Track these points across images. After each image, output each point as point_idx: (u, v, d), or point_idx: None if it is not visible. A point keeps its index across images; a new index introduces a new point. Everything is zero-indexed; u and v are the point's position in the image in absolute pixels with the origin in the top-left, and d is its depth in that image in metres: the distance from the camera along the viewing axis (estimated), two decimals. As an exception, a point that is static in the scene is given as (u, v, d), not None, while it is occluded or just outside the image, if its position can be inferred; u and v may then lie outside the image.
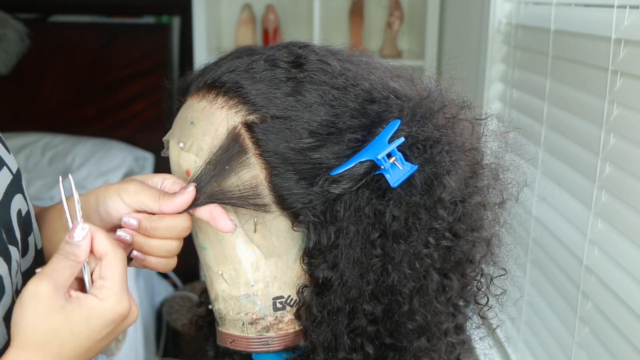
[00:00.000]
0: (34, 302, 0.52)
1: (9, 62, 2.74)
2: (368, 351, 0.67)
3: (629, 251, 1.00)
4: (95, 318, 0.54)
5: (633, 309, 0.97)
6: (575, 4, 1.24)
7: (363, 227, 0.64)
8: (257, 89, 0.66)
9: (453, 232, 0.65)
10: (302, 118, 0.65)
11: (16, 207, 0.63)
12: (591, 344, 1.11)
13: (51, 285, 0.53)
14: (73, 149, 2.67)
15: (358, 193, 0.64)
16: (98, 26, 2.86)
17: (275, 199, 0.66)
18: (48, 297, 0.53)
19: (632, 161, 0.99)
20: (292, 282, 0.69)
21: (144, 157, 2.74)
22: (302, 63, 0.67)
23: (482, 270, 0.71)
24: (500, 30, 1.61)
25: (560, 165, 1.26)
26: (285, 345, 0.71)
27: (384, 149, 0.62)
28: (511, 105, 1.55)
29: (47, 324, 0.53)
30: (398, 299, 0.65)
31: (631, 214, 1.00)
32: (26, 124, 2.84)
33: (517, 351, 1.50)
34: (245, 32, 2.62)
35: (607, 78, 1.04)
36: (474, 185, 0.67)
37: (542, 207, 1.33)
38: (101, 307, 0.54)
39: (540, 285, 1.35)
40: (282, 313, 0.70)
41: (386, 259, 0.64)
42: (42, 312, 0.52)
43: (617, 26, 1.01)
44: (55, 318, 0.53)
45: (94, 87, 2.82)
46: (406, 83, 0.70)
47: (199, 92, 0.69)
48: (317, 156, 0.64)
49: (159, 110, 2.72)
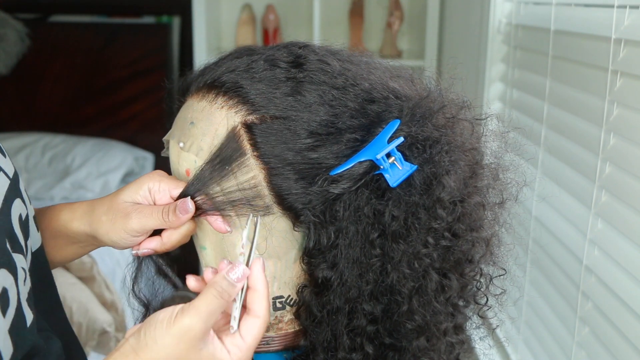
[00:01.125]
0: (181, 337, 0.55)
1: (9, 62, 2.74)
2: (367, 351, 0.67)
3: (629, 251, 1.00)
4: None
5: (633, 309, 0.97)
6: (575, 4, 1.24)
7: (362, 226, 0.64)
8: (257, 89, 0.66)
9: (452, 232, 0.65)
10: (302, 118, 0.65)
11: (17, 212, 0.63)
12: (591, 344, 1.11)
13: (204, 328, 0.56)
14: (73, 149, 2.67)
15: (357, 193, 0.64)
16: (98, 26, 2.87)
17: (275, 199, 0.66)
18: (196, 338, 0.56)
19: (632, 161, 0.99)
20: (292, 282, 0.69)
21: (144, 157, 2.75)
22: (301, 63, 0.67)
23: (481, 270, 0.71)
24: (500, 30, 1.61)
25: (560, 165, 1.26)
26: (285, 345, 0.71)
27: (383, 148, 0.62)
28: (511, 105, 1.55)
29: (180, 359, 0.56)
30: (397, 299, 0.65)
31: (631, 214, 0.99)
32: (26, 124, 2.84)
33: (517, 351, 1.50)
34: (245, 32, 2.63)
35: (607, 78, 1.04)
36: (474, 185, 0.67)
37: (542, 207, 1.33)
38: None
39: (540, 285, 1.35)
40: (281, 313, 0.70)
41: (385, 259, 0.64)
42: (183, 349, 0.56)
43: (617, 26, 1.01)
44: (190, 357, 0.56)
45: (94, 87, 2.82)
46: (406, 83, 0.70)
47: (199, 92, 0.69)
48: (316, 156, 0.64)
49: (159, 110, 2.72)
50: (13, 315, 0.57)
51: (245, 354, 0.58)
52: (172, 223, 0.66)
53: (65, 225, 0.73)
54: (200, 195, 0.66)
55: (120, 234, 0.68)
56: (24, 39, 2.76)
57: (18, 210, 0.63)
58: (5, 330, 0.55)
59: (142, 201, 0.69)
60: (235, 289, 0.57)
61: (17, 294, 0.58)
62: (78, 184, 2.56)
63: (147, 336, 0.56)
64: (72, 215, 0.72)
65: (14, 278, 0.57)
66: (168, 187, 0.68)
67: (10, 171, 0.64)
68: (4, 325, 0.55)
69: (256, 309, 0.58)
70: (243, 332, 0.58)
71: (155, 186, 0.68)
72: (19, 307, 0.58)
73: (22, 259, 0.60)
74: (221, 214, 0.66)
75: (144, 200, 0.69)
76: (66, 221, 0.72)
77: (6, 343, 0.56)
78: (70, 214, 0.73)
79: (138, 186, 0.69)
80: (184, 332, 0.55)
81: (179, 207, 0.66)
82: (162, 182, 0.68)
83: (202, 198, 0.66)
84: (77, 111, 2.84)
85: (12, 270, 0.57)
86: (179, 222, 0.66)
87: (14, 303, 0.57)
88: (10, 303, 0.56)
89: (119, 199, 0.69)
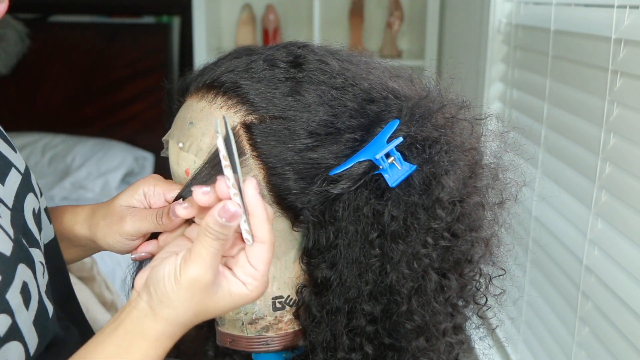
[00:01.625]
0: (194, 288, 0.55)
1: (9, 62, 2.74)
2: (367, 351, 0.67)
3: (629, 251, 1.00)
4: (240, 303, 0.57)
5: (633, 309, 0.97)
6: (575, 4, 1.24)
7: (362, 227, 0.64)
8: (256, 89, 0.66)
9: (451, 232, 0.65)
10: (301, 118, 0.65)
11: (30, 207, 0.63)
12: (591, 344, 1.11)
13: (212, 274, 0.55)
14: (73, 149, 2.67)
15: (357, 193, 0.64)
16: (98, 26, 2.86)
17: (275, 199, 0.66)
18: (208, 285, 0.55)
19: (632, 161, 0.99)
20: (291, 282, 0.69)
21: (144, 157, 2.74)
22: (301, 63, 0.67)
23: (480, 270, 0.71)
24: (500, 30, 1.61)
25: (560, 165, 1.26)
26: (284, 345, 0.71)
27: (382, 148, 0.62)
28: (511, 105, 1.55)
29: (200, 308, 0.56)
30: (397, 299, 0.65)
31: (631, 214, 0.99)
32: (26, 124, 2.84)
33: (517, 351, 1.50)
34: (245, 32, 2.62)
35: (607, 78, 1.04)
36: (473, 185, 0.67)
37: (542, 207, 1.33)
38: (248, 296, 0.57)
39: (540, 285, 1.35)
40: (281, 313, 0.70)
41: (385, 259, 0.64)
42: (199, 298, 0.55)
43: (617, 26, 1.01)
44: (208, 303, 0.56)
45: (94, 87, 2.82)
46: (405, 83, 0.70)
47: (198, 92, 0.69)
48: (315, 156, 0.64)
49: (159, 110, 2.72)
50: (36, 307, 0.58)
51: (260, 280, 0.57)
52: (166, 226, 0.67)
53: (68, 228, 0.74)
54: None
55: (116, 237, 0.69)
56: (24, 39, 2.76)
57: (31, 204, 0.64)
58: (30, 322, 0.57)
59: (138, 205, 0.70)
60: (232, 228, 0.54)
61: (37, 286, 0.59)
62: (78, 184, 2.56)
63: (158, 293, 0.55)
64: (75, 220, 0.74)
65: (32, 272, 0.58)
66: (162, 190, 0.69)
67: (21, 166, 0.65)
68: (28, 317, 0.56)
69: (259, 235, 0.56)
70: (252, 260, 0.57)
71: (150, 190, 0.70)
72: (40, 300, 0.59)
73: (38, 253, 0.62)
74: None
75: (139, 204, 0.70)
76: (69, 225, 0.74)
77: (31, 334, 0.57)
78: (73, 217, 0.74)
79: (134, 190, 0.70)
80: (194, 283, 0.54)
81: (172, 209, 0.66)
82: (156, 186, 0.70)
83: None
84: (77, 111, 2.84)
85: (30, 265, 0.58)
86: (172, 225, 0.67)
87: (35, 296, 0.58)
88: (32, 296, 0.57)
89: (115, 203, 0.70)
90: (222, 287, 0.56)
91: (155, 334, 0.56)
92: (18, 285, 0.55)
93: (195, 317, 0.57)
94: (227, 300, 0.57)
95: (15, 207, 0.61)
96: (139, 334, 0.56)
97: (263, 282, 0.57)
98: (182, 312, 0.55)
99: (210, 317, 0.58)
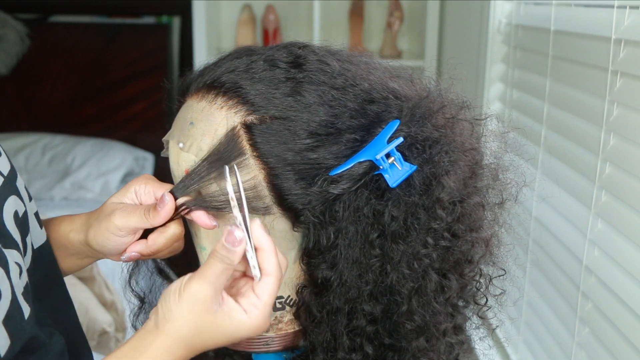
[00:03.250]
0: (193, 301, 0.58)
1: (9, 62, 2.74)
2: (367, 351, 0.67)
3: (629, 251, 1.00)
4: (239, 332, 0.60)
5: (633, 309, 0.97)
6: (575, 4, 1.24)
7: (362, 227, 0.64)
8: (257, 89, 0.66)
9: (452, 232, 0.65)
10: (301, 118, 0.65)
11: (10, 210, 0.63)
12: (591, 344, 1.11)
13: (212, 290, 0.58)
14: (73, 149, 2.67)
15: (357, 193, 0.64)
16: (98, 26, 2.87)
17: (275, 199, 0.66)
18: (207, 300, 0.58)
19: (632, 161, 0.99)
20: (292, 282, 0.69)
21: (143, 157, 2.74)
22: (301, 63, 0.67)
23: (481, 271, 0.71)
24: (500, 30, 1.61)
25: (560, 165, 1.26)
26: (284, 345, 0.71)
27: (382, 149, 0.62)
28: (511, 106, 1.55)
29: (199, 324, 0.58)
30: (397, 299, 0.65)
31: (631, 214, 0.99)
32: (26, 124, 2.84)
33: (517, 351, 1.50)
34: (245, 32, 2.62)
35: (607, 78, 1.04)
36: (473, 185, 0.67)
37: (542, 207, 1.33)
38: (247, 324, 0.59)
39: (540, 285, 1.35)
40: (281, 313, 0.70)
41: (385, 259, 0.64)
42: (198, 313, 0.58)
43: (617, 26, 1.01)
44: (207, 321, 0.58)
45: (94, 87, 2.82)
46: (405, 83, 0.70)
47: (199, 93, 0.69)
48: (316, 156, 0.64)
49: (159, 110, 2.72)
50: (7, 307, 0.58)
51: (262, 311, 0.59)
52: (153, 219, 0.66)
53: (64, 236, 0.74)
54: (186, 194, 0.66)
55: (105, 233, 0.68)
56: (24, 39, 2.76)
57: (12, 207, 0.63)
58: (0, 320, 0.56)
59: (129, 202, 0.70)
60: (236, 253, 0.58)
61: (10, 286, 0.58)
62: (78, 184, 2.56)
63: (163, 309, 0.59)
64: (72, 227, 0.73)
65: (5, 271, 0.58)
66: (153, 189, 0.69)
67: (5, 169, 0.64)
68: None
69: (266, 268, 0.59)
70: (257, 291, 0.59)
71: (141, 188, 0.70)
72: (14, 300, 0.58)
73: (16, 254, 0.61)
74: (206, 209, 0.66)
75: (130, 201, 0.70)
76: (65, 233, 0.74)
77: (1, 334, 0.56)
78: (70, 225, 0.74)
79: (126, 189, 0.70)
80: (194, 296, 0.57)
81: (160, 199, 0.66)
82: (147, 184, 0.70)
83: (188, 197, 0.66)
84: (77, 111, 2.84)
85: (2, 264, 0.58)
86: (159, 217, 0.66)
87: (8, 295, 0.58)
88: (3, 295, 0.57)
89: (107, 202, 0.71)
90: (223, 310, 0.59)
91: (155, 348, 0.58)
92: None
93: (197, 334, 0.58)
94: (226, 324, 0.59)
95: None
96: (140, 349, 0.58)
97: (265, 312, 0.59)
98: (181, 324, 0.58)
99: (211, 342, 0.60)
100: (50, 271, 0.71)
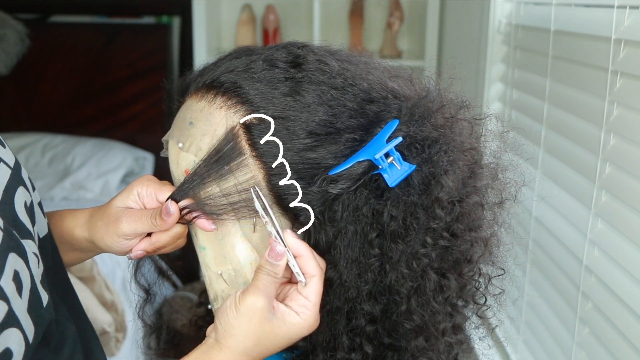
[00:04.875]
0: (250, 313, 0.62)
1: (9, 62, 2.74)
2: (367, 351, 0.67)
3: (629, 251, 1.00)
4: (295, 333, 0.63)
5: (633, 309, 0.97)
6: (575, 4, 1.24)
7: (361, 227, 0.64)
8: (256, 89, 0.66)
9: (451, 231, 0.65)
10: (301, 118, 0.65)
11: (21, 200, 0.64)
12: (591, 344, 1.11)
13: (266, 300, 0.62)
14: (73, 149, 2.67)
15: (356, 193, 0.64)
16: (98, 26, 2.87)
17: (275, 199, 0.66)
18: (263, 310, 0.62)
19: (632, 161, 0.98)
20: (291, 282, 0.69)
21: (144, 157, 2.74)
22: (300, 63, 0.67)
23: (480, 270, 0.71)
24: (500, 30, 1.61)
25: (560, 165, 1.26)
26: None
27: (382, 148, 0.62)
28: (511, 106, 1.55)
29: (259, 334, 0.62)
30: (396, 299, 0.65)
31: (631, 214, 0.99)
32: (26, 124, 2.84)
33: (517, 351, 1.50)
34: (245, 32, 2.62)
35: (607, 78, 1.04)
36: (472, 185, 0.67)
37: (542, 207, 1.33)
38: (301, 325, 0.63)
39: (540, 285, 1.35)
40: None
41: (384, 259, 0.64)
42: (256, 323, 0.62)
43: (617, 26, 1.01)
44: (265, 330, 0.62)
45: (94, 87, 2.82)
46: (405, 83, 0.70)
47: (198, 93, 0.69)
48: (315, 156, 0.64)
49: (159, 110, 2.72)
50: (29, 296, 0.59)
51: (313, 310, 0.63)
52: (160, 226, 0.68)
53: (68, 231, 0.75)
54: (187, 198, 0.67)
55: (114, 237, 0.70)
56: (24, 39, 2.76)
57: (22, 198, 0.64)
58: (25, 310, 0.58)
59: (134, 206, 0.71)
60: (279, 266, 0.63)
61: (30, 276, 0.59)
62: (78, 184, 2.56)
63: (222, 324, 0.62)
64: (75, 223, 0.75)
65: (25, 261, 0.59)
66: (154, 191, 0.71)
67: (11, 161, 0.65)
68: (22, 305, 0.57)
69: (309, 271, 0.63)
70: (305, 292, 0.63)
71: (143, 190, 0.71)
72: (33, 288, 0.60)
73: (32, 244, 0.62)
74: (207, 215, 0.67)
75: (135, 204, 0.71)
76: (69, 228, 0.75)
77: (27, 322, 0.58)
78: (74, 221, 0.75)
79: (129, 191, 0.72)
80: (250, 308, 0.61)
81: (164, 209, 0.67)
82: (148, 187, 0.71)
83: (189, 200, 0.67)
84: (77, 111, 2.84)
85: (21, 255, 0.59)
86: (166, 225, 0.68)
87: (28, 284, 0.59)
88: (24, 284, 0.58)
89: (112, 204, 0.72)
90: (277, 316, 0.63)
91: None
92: (10, 274, 0.56)
93: (257, 344, 0.62)
94: (282, 329, 0.62)
95: (4, 201, 0.61)
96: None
97: (315, 311, 0.63)
98: (243, 337, 0.62)
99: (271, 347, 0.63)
100: (55, 260, 0.72)
